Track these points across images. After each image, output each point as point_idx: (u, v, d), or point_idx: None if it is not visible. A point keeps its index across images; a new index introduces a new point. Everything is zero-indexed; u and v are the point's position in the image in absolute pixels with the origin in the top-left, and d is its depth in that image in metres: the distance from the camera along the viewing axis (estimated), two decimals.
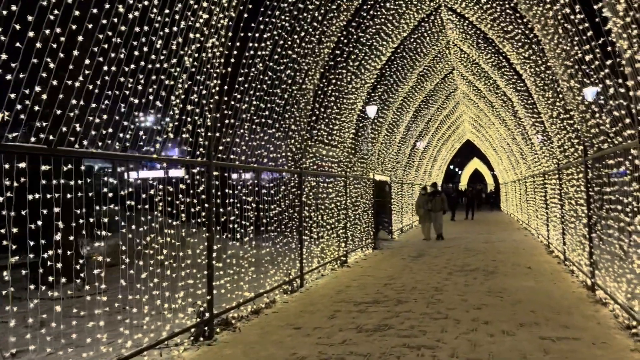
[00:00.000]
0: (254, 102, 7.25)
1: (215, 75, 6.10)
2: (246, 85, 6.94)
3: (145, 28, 4.67)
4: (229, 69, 6.49)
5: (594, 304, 7.46)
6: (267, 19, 7.08)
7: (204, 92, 5.99)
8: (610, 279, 7.18)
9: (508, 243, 16.17)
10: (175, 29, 5.11)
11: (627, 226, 6.29)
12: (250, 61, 6.92)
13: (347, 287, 9.41)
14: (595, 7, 5.25)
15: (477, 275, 10.29)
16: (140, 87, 4.81)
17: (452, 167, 65.50)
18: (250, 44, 6.89)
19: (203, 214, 6.34)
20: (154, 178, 5.44)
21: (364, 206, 15.16)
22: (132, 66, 4.65)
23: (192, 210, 6.19)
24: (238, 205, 7.26)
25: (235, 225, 7.26)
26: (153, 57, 4.89)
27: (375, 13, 10.46)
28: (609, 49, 5.32)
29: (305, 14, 7.91)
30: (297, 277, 9.33)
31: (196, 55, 5.61)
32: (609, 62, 5.51)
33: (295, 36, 7.89)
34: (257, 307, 7.60)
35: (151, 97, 5.01)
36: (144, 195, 5.20)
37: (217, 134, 6.45)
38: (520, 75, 11.96)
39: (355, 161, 13.81)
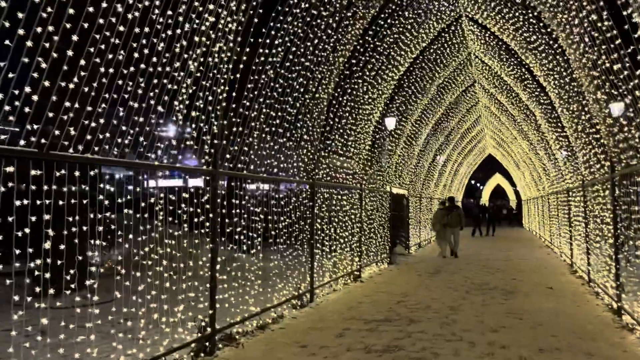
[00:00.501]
0: (264, 110, 7.04)
1: (222, 81, 5.91)
2: (256, 93, 6.73)
3: (146, 29, 4.50)
4: (238, 75, 6.29)
5: (620, 330, 6.99)
6: (278, 25, 6.88)
7: (210, 98, 5.79)
8: (639, 304, 6.72)
9: (529, 261, 15.62)
10: (178, 31, 4.93)
11: None
12: (260, 68, 6.72)
13: (358, 303, 9.07)
14: (624, 12, 4.91)
15: (495, 294, 9.86)
16: (140, 91, 4.62)
17: (473, 182, 64.62)
18: (261, 50, 6.69)
19: (207, 224, 6.12)
20: (155, 186, 5.24)
21: (380, 220, 14.81)
22: (132, 69, 4.47)
23: (197, 220, 5.98)
24: (245, 215, 7.02)
25: (242, 237, 7.02)
26: (154, 59, 4.72)
27: (393, 22, 10.21)
28: (639, 57, 4.97)
29: (319, 21, 7.70)
30: (307, 291, 9.03)
31: (202, 59, 5.42)
32: (639, 72, 5.16)
33: (309, 43, 7.67)
34: (263, 322, 7.32)
35: (152, 102, 4.82)
36: (143, 204, 5.00)
37: (224, 142, 6.24)
38: (544, 88, 11.55)
39: (372, 173, 13.50)
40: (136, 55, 4.47)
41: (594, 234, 10.17)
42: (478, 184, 69.26)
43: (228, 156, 6.43)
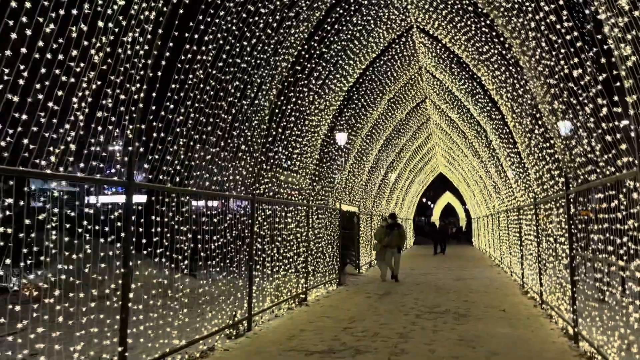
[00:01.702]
0: (193, 115, 6.22)
1: (138, 77, 5.07)
2: (182, 94, 5.91)
3: (27, 5, 3.64)
4: (159, 73, 5.47)
5: (579, 359, 6.50)
6: (208, 19, 6.11)
7: (122, 96, 4.94)
8: (598, 330, 6.25)
9: (480, 281, 15.28)
10: (74, 11, 4.09)
11: (619, 271, 5.40)
12: (187, 66, 5.92)
13: (301, 331, 8.28)
14: (587, 11, 4.46)
15: (447, 318, 9.29)
16: (21, 81, 3.74)
17: (424, 200, 65.25)
18: (187, 46, 5.90)
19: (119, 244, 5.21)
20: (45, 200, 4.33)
21: (329, 238, 14.11)
22: (8, 52, 3.60)
23: (105, 240, 5.07)
24: (169, 235, 6.13)
25: (164, 259, 6.11)
26: (41, 43, 3.85)
27: (340, 27, 9.64)
28: (603, 60, 4.51)
29: (256, 18, 6.98)
30: (244, 319, 8.16)
31: (109, 49, 4.58)
32: (601, 78, 4.70)
33: (245, 42, 6.94)
34: (189, 356, 6.41)
35: (40, 96, 3.94)
36: (28, 221, 4.07)
37: (141, 149, 5.38)
38: (495, 103, 11.26)
39: (320, 189, 12.81)
40: (14, 35, 3.59)
41: (546, 253, 9.82)
42: (429, 202, 69.99)
43: (147, 166, 5.56)
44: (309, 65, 9.29)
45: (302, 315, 9.79)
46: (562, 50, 5.36)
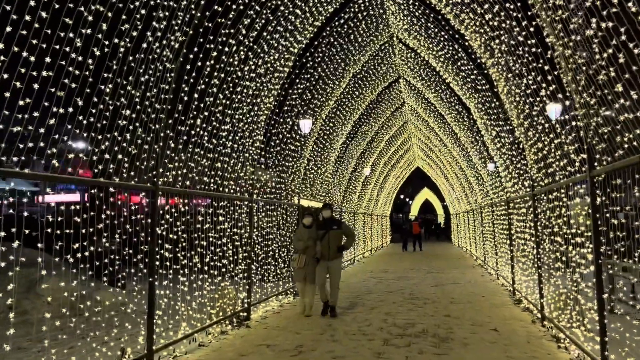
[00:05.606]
0: (16, 49, 3.78)
1: None
2: (30, 18, 3.47)
3: None
4: None
5: None
6: None
7: None
8: None
9: (463, 286, 13.11)
10: None
11: None
12: None
13: None
14: None
15: (423, 344, 7.07)
16: None
17: (402, 196, 63.54)
18: None
19: None
20: None
21: (284, 241, 11.77)
22: None
23: None
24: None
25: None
26: None
27: None
28: None
29: None
30: (141, 357, 5.77)
31: None
32: None
33: None
34: None
35: None
36: None
37: None
38: (483, 67, 9.03)
39: (268, 180, 10.45)
40: None
41: (549, 257, 7.65)
42: (407, 199, 68.19)
43: None
44: (234, 7, 6.88)
45: (237, 342, 7.45)
46: None
